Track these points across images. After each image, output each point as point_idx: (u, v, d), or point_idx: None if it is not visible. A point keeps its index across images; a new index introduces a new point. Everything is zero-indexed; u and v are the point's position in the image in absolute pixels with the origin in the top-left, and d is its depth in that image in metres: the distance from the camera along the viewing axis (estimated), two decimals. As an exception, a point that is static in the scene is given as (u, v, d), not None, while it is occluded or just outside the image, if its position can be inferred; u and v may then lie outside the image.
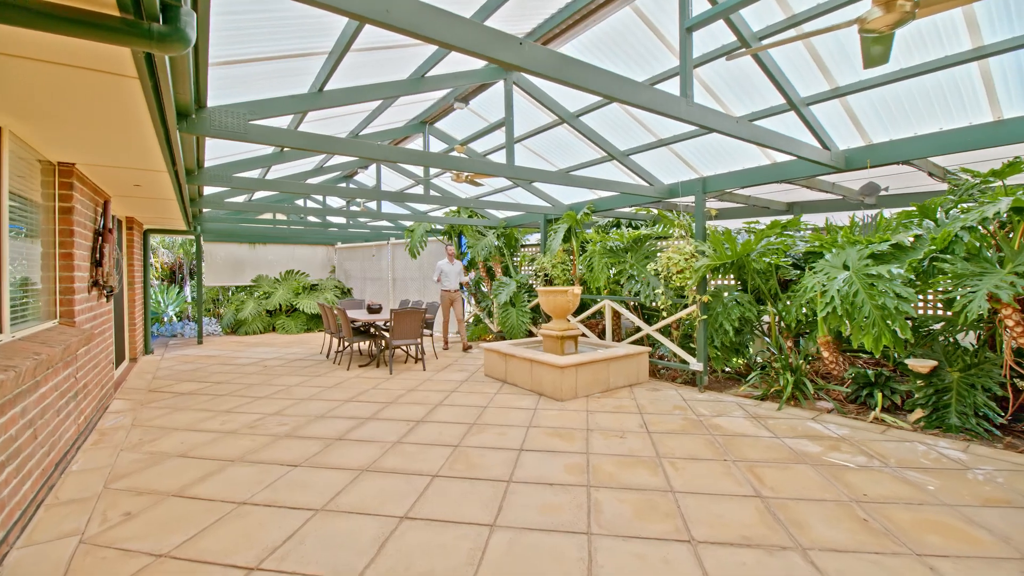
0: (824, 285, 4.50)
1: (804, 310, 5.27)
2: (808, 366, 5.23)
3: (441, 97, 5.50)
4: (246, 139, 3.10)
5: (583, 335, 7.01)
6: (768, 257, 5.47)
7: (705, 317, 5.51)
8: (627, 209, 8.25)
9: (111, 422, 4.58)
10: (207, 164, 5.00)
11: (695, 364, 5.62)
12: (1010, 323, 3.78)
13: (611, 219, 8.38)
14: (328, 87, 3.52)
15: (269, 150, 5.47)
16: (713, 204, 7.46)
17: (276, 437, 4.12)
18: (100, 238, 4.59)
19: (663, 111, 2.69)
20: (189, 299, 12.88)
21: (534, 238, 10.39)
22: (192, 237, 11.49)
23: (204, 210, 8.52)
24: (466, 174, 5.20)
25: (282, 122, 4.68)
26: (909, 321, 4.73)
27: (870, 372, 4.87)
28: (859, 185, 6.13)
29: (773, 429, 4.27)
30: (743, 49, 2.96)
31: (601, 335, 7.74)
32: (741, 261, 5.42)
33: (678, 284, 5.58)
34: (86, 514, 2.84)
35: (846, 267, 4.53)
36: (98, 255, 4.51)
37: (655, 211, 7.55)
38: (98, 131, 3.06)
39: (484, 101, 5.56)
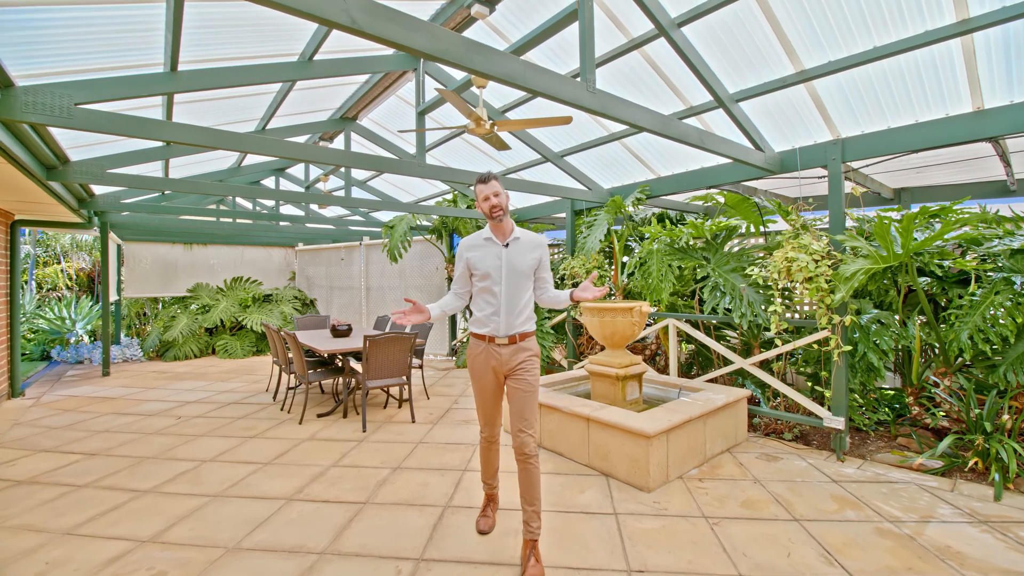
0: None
1: (983, 335, 3.48)
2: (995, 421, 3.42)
3: (445, 4, 3.46)
4: None
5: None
6: (947, 259, 3.66)
7: (848, 348, 3.64)
8: (678, 198, 6.38)
9: None
10: (28, 80, 2.75)
11: (831, 420, 3.72)
12: None
13: (655, 212, 6.48)
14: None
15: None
16: (811, 189, 5.65)
17: (123, 629, 1.98)
18: None
19: None
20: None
21: (547, 238, 8.41)
22: (96, 233, 8.98)
23: (97, 192, 6.15)
24: (490, 121, 3.18)
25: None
26: None
27: None
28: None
29: (1058, 560, 2.40)
30: None
31: (648, 362, 5.82)
32: (905, 265, 3.58)
33: (810, 297, 3.68)
34: None
35: None
36: None
37: (720, 199, 5.69)
38: None
39: (517, 8, 3.54)
